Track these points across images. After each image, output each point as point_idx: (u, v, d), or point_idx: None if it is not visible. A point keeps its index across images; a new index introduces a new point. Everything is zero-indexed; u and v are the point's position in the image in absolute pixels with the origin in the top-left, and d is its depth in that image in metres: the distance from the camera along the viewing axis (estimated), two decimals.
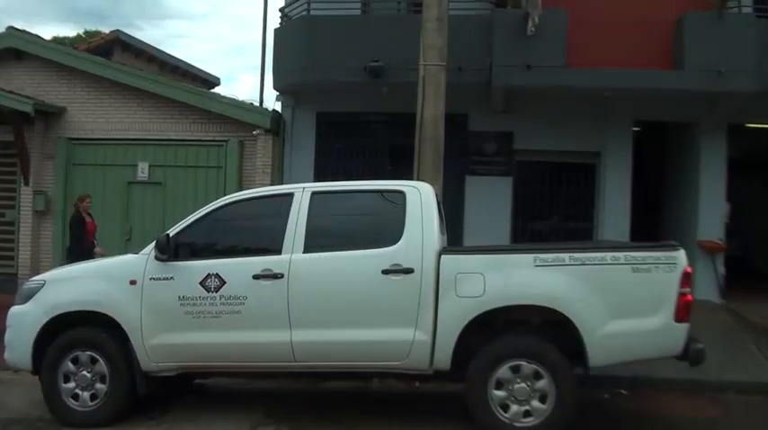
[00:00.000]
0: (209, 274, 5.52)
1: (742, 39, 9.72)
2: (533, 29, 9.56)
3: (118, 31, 14.41)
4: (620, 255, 5.29)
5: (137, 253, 5.84)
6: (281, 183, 11.11)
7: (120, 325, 5.62)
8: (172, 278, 5.59)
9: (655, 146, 13.24)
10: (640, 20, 10.15)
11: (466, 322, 5.29)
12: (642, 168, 12.00)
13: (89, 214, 9.73)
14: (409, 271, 5.35)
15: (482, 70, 9.89)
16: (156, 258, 5.61)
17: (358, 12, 11.39)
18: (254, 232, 5.93)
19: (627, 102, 10.77)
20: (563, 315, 5.23)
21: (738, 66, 9.61)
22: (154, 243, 5.67)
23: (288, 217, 5.60)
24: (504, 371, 5.26)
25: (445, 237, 6.25)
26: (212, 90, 16.12)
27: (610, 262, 5.27)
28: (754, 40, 9.72)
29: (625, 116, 11.02)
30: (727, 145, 10.98)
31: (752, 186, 14.16)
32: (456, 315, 5.31)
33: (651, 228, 12.58)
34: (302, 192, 5.73)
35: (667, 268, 5.22)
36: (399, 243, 5.45)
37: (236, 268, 5.56)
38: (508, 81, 9.87)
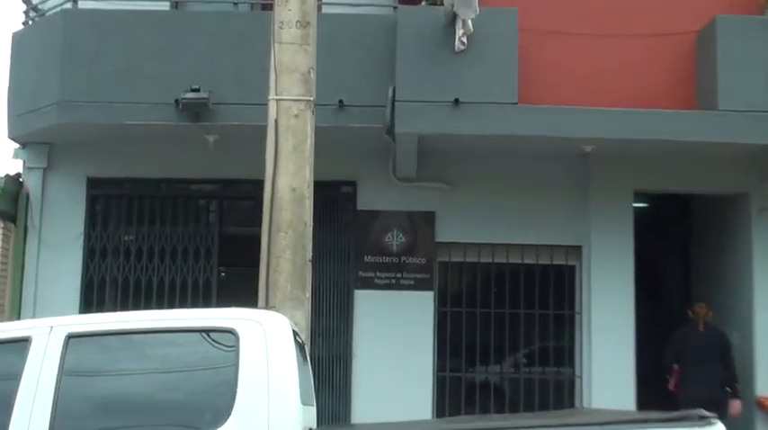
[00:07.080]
0: None
1: None
2: (464, 41, 9.68)
3: None
4: None
5: None
6: (19, 312, 11.14)
7: None
8: None
9: (672, 235, 13.77)
10: (641, 30, 10.50)
11: None
12: (650, 273, 12.27)
13: None
14: None
15: (379, 108, 9.98)
16: None
17: (166, 6, 11.54)
18: None
19: (622, 164, 11.10)
20: None
21: None
22: None
23: (18, 382, 5.36)
24: None
25: (313, 409, 6.29)
26: None
27: None
28: None
29: (621, 186, 11.37)
30: None
31: None
32: None
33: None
34: (48, 335, 5.52)
35: None
36: (227, 424, 5.23)
37: None
38: (421, 126, 9.97)
